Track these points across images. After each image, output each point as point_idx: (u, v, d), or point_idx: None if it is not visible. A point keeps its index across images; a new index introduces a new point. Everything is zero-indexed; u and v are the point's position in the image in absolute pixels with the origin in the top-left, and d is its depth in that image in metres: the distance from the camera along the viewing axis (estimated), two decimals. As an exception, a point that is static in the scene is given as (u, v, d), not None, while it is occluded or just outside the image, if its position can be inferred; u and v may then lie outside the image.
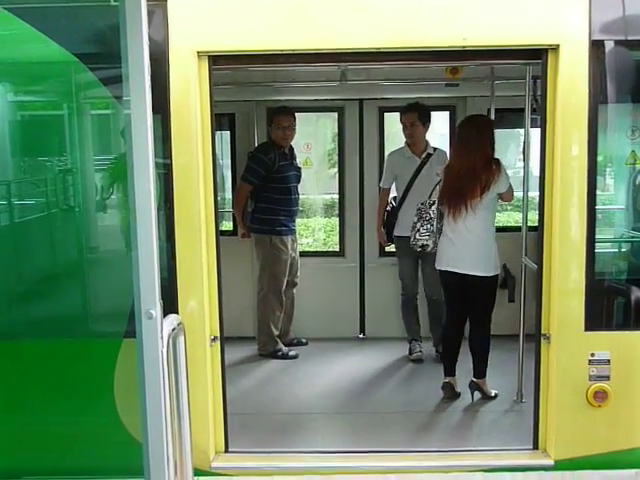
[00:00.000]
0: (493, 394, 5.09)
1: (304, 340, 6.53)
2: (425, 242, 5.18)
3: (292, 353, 6.19)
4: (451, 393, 5.15)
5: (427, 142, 6.00)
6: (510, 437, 4.34)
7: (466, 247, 4.93)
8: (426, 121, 5.96)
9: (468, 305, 5.06)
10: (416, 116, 5.88)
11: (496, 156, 4.96)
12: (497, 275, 4.96)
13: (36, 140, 4.48)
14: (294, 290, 6.33)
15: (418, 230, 5.19)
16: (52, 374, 3.85)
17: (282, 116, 6.00)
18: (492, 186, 4.82)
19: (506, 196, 4.97)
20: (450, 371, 5.19)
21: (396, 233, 6.01)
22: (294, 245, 6.23)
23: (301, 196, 6.37)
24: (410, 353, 6.08)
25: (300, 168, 6.35)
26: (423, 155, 5.94)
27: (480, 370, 5.06)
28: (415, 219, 5.24)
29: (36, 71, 4.07)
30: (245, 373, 5.71)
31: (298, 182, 6.23)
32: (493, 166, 4.85)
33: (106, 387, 3.75)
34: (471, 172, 4.83)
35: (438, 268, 5.12)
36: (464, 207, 4.85)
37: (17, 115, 4.69)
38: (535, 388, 3.98)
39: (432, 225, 5.11)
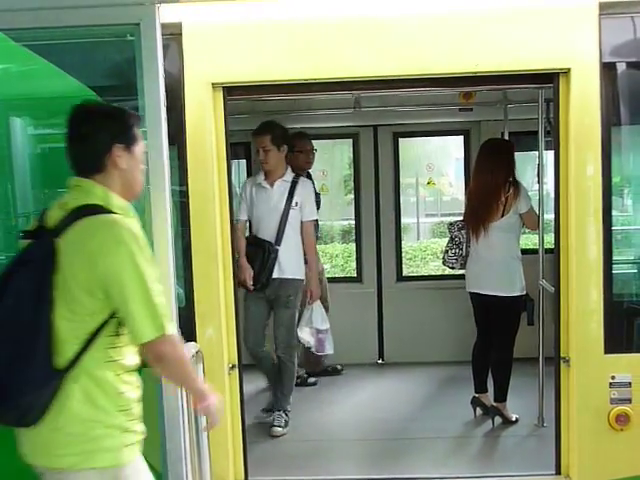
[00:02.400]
0: (514, 418, 5.04)
1: (339, 367, 6.42)
2: (452, 265, 5.23)
3: (311, 380, 6.17)
4: (482, 408, 5.16)
5: (287, 169, 5.18)
6: (532, 462, 4.29)
7: (487, 268, 4.98)
8: (281, 144, 5.09)
9: (492, 325, 5.08)
10: (269, 139, 5.04)
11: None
12: (520, 296, 4.94)
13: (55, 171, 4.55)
14: None
15: (447, 252, 5.24)
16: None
17: (304, 140, 6.05)
18: (511, 207, 4.87)
19: (527, 218, 4.94)
20: (479, 388, 5.19)
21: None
22: None
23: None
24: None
25: (319, 194, 6.36)
26: (277, 184, 5.11)
27: (500, 393, 5.03)
28: (448, 240, 5.28)
29: (55, 105, 4.16)
30: (264, 401, 5.70)
31: (317, 208, 6.23)
32: (511, 188, 4.89)
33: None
34: (486, 194, 4.90)
35: (467, 290, 5.18)
36: (482, 227, 4.91)
37: (37, 148, 4.78)
38: (556, 412, 3.94)
39: (461, 249, 5.14)
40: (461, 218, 5.29)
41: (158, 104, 3.02)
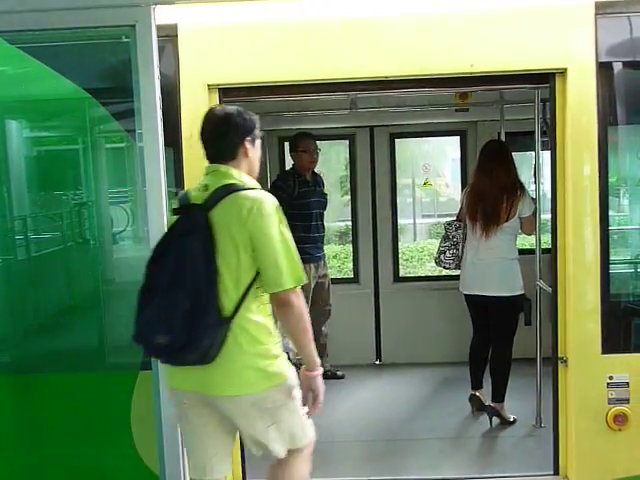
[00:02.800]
0: (512, 419, 5.04)
1: (339, 373, 6.32)
2: (448, 265, 5.23)
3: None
4: (478, 405, 5.17)
5: None
6: (530, 463, 4.28)
7: (487, 269, 4.99)
8: None
9: (491, 326, 5.11)
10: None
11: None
12: (519, 296, 4.97)
13: (52, 175, 4.54)
14: (326, 323, 6.19)
15: (444, 252, 5.23)
16: (69, 408, 3.86)
17: (308, 140, 6.05)
18: (517, 210, 4.90)
19: (528, 222, 4.95)
20: (476, 385, 5.22)
21: None
22: (319, 272, 6.14)
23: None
24: None
25: (326, 195, 6.34)
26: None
27: (499, 394, 5.03)
28: (442, 240, 5.28)
29: (50, 107, 4.15)
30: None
31: (322, 209, 6.21)
32: (518, 191, 4.94)
33: (123, 420, 3.75)
34: (496, 196, 4.92)
35: (461, 291, 5.20)
36: (491, 229, 4.92)
37: (33, 150, 4.76)
38: (554, 412, 3.95)
39: (457, 250, 5.16)
40: (456, 218, 5.32)
41: (154, 106, 3.01)
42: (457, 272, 5.29)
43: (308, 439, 3.05)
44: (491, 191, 4.93)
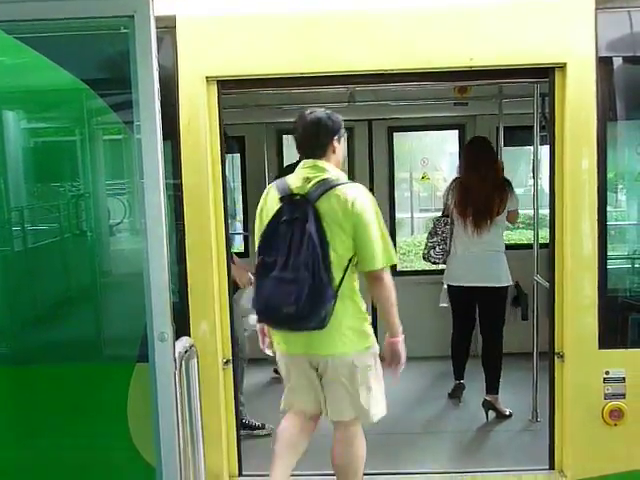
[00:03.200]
0: (507, 413, 5.06)
1: None
2: (437, 260, 5.27)
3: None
4: (460, 392, 5.42)
5: None
6: (526, 457, 4.29)
7: (479, 261, 5.06)
8: None
9: (481, 318, 5.21)
10: None
11: (506, 174, 5.09)
12: (508, 287, 5.07)
13: (49, 166, 4.53)
14: None
15: (433, 248, 5.27)
16: (65, 399, 3.85)
17: None
18: (507, 202, 5.02)
19: (514, 215, 5.15)
20: (460, 375, 5.44)
21: None
22: None
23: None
24: None
25: None
26: None
27: (493, 386, 5.06)
28: (429, 236, 5.31)
29: (47, 99, 4.13)
30: (260, 394, 5.70)
31: None
32: (507, 188, 5.06)
33: (119, 412, 3.74)
34: (489, 193, 5.00)
35: (448, 283, 5.25)
36: (485, 224, 5.01)
37: (30, 142, 4.75)
38: (550, 407, 3.95)
39: (446, 245, 5.21)
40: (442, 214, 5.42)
41: (152, 98, 2.99)
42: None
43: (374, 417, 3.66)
44: (481, 188, 4.99)
